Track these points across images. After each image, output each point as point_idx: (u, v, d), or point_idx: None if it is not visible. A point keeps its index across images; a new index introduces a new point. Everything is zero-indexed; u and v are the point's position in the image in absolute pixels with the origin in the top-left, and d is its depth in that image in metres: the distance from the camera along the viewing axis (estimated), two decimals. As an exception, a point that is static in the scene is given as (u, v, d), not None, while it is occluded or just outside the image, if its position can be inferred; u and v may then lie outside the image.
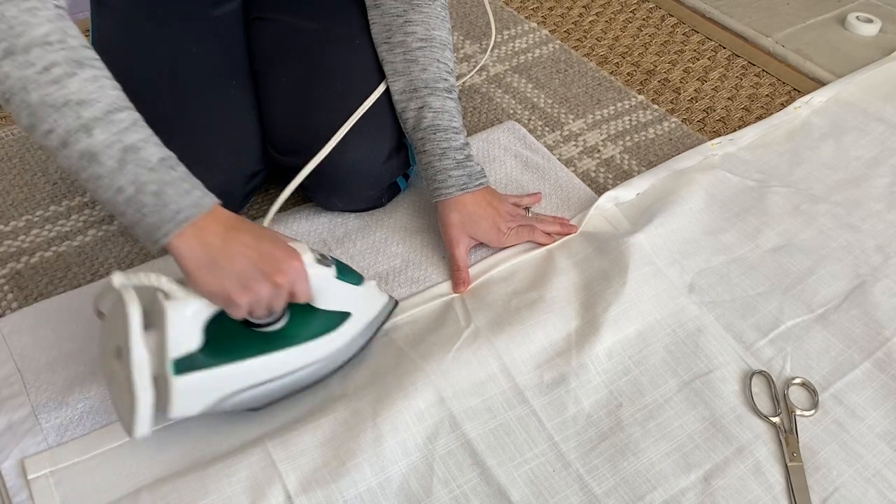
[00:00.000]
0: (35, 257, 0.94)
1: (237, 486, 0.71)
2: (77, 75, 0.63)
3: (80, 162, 0.63)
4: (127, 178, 0.64)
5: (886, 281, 0.92)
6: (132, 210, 0.64)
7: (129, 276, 0.65)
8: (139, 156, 0.64)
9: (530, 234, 0.94)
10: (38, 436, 0.75)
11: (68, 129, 0.62)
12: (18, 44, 0.61)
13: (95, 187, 0.64)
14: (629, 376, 0.82)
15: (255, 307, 0.68)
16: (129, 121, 0.65)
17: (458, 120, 0.91)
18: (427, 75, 0.90)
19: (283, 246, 0.69)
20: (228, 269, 0.65)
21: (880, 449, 0.76)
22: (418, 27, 0.90)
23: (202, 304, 0.67)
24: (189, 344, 0.67)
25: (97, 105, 0.63)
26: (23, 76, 0.62)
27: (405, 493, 0.72)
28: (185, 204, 0.65)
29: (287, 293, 0.69)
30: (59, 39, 0.63)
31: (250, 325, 0.72)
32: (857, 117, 1.17)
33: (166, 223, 0.64)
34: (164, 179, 0.65)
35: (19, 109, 0.63)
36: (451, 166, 0.89)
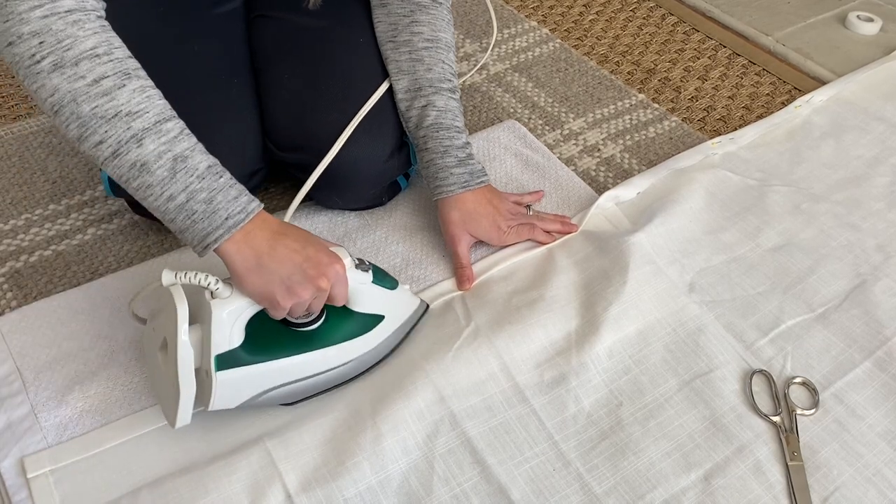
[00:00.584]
0: (34, 256, 0.94)
1: (237, 485, 0.71)
2: (126, 87, 0.65)
3: (130, 171, 0.66)
4: (178, 187, 0.66)
5: (887, 280, 0.92)
6: (182, 217, 0.67)
7: (177, 275, 0.68)
8: (188, 164, 0.67)
9: (530, 232, 0.94)
10: (38, 434, 0.75)
11: (119, 139, 0.65)
12: (67, 57, 0.63)
13: (146, 195, 0.67)
14: (629, 375, 0.82)
15: (296, 308, 0.71)
16: (176, 130, 0.67)
17: (460, 120, 0.92)
18: (432, 75, 0.91)
19: (326, 250, 0.72)
20: (275, 272, 0.68)
21: (881, 448, 0.76)
22: (425, 28, 0.91)
23: (246, 303, 0.69)
24: (231, 341, 0.70)
25: (146, 115, 0.65)
26: (73, 89, 0.63)
27: (405, 491, 0.72)
28: (234, 210, 0.68)
29: (326, 296, 0.71)
30: (106, 51, 0.65)
31: (288, 325, 0.75)
32: (858, 116, 1.17)
33: (217, 229, 0.67)
34: (213, 187, 0.68)
35: (69, 121, 0.65)
36: (453, 164, 0.90)
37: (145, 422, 0.77)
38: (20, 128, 1.11)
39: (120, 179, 0.67)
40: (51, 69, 0.63)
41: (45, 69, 0.63)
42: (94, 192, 1.02)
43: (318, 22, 0.95)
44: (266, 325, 0.73)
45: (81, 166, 1.05)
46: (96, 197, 1.01)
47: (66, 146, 1.08)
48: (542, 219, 0.96)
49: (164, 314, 0.70)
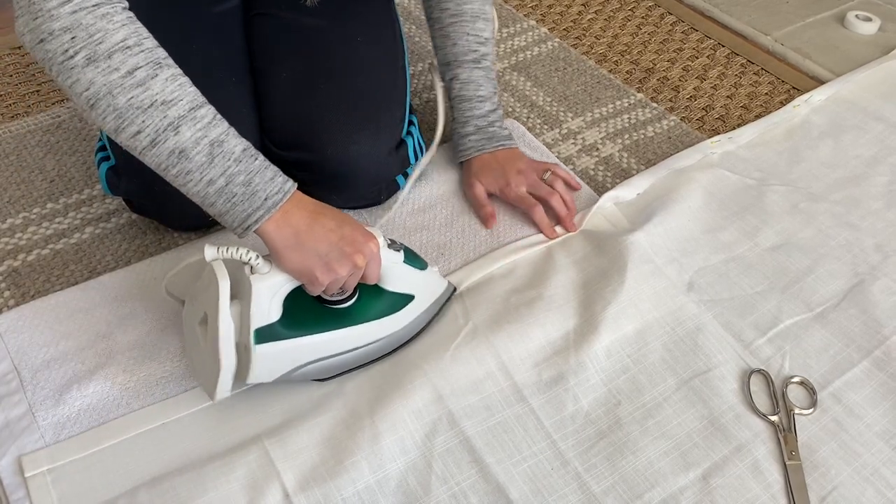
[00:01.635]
0: (32, 255, 0.94)
1: (235, 484, 0.71)
2: (158, 76, 0.66)
3: (169, 159, 0.67)
4: (216, 171, 0.68)
5: (885, 280, 0.92)
6: (223, 200, 0.69)
7: (219, 249, 0.69)
8: (224, 148, 0.68)
9: (532, 208, 0.96)
10: (35, 433, 0.75)
11: (157, 128, 0.66)
12: (100, 50, 0.64)
13: (185, 181, 0.68)
14: (628, 375, 0.82)
15: (332, 285, 0.73)
16: (210, 116, 0.68)
17: (485, 88, 0.99)
18: (457, 49, 0.98)
19: (362, 229, 0.74)
20: (313, 249, 0.71)
21: (879, 448, 0.76)
22: (450, 3, 0.97)
23: (284, 279, 0.71)
24: (269, 316, 0.72)
25: (180, 103, 0.67)
26: (108, 81, 0.64)
27: (403, 490, 0.72)
28: (272, 190, 0.70)
29: (360, 274, 0.74)
30: (137, 42, 0.66)
31: (323, 302, 0.77)
32: (857, 116, 1.17)
33: (257, 210, 0.69)
34: (251, 169, 0.69)
35: (105, 114, 0.66)
36: (472, 132, 0.99)
37: (143, 421, 0.77)
38: (18, 126, 1.11)
39: (159, 168, 0.68)
40: (84, 63, 0.64)
41: (79, 64, 0.64)
42: (92, 190, 1.02)
43: (317, 20, 0.95)
44: (302, 302, 0.75)
45: (79, 165, 1.05)
46: (94, 196, 1.01)
47: (65, 145, 1.08)
48: (553, 194, 0.96)
49: (205, 289, 0.72)
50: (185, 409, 0.78)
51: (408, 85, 1.01)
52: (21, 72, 1.22)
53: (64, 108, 1.14)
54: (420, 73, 1.25)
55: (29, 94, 1.17)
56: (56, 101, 1.16)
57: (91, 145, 1.08)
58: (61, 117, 1.12)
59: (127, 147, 0.68)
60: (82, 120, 1.12)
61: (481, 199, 0.98)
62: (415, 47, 1.30)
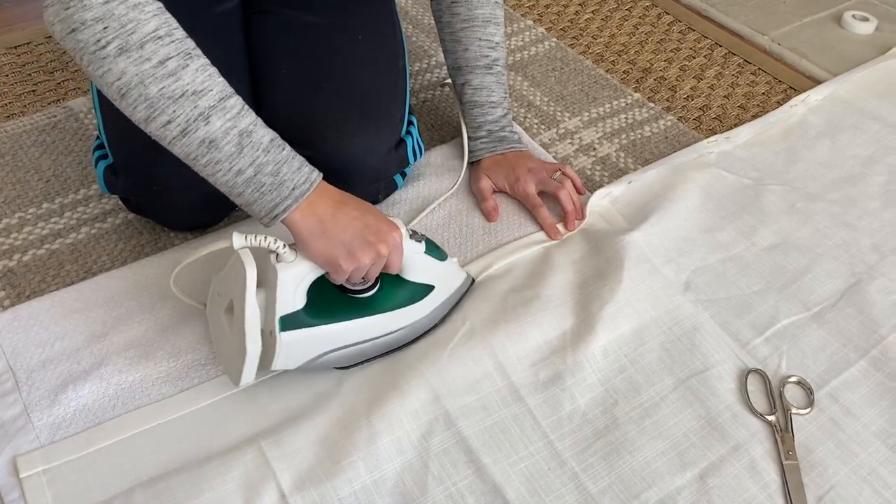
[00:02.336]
0: (28, 255, 0.93)
1: (231, 484, 0.71)
2: (189, 66, 0.66)
3: (199, 149, 0.68)
4: (245, 161, 0.69)
5: (882, 279, 0.92)
6: (251, 190, 0.70)
7: (247, 237, 0.70)
8: (253, 139, 0.69)
9: (537, 208, 0.97)
10: (31, 434, 0.75)
11: (187, 118, 0.67)
12: (132, 40, 0.64)
13: (214, 171, 0.69)
14: (625, 374, 0.82)
15: (355, 273, 0.74)
16: (238, 106, 0.69)
17: (496, 94, 1.01)
18: (469, 54, 0.99)
19: (385, 219, 0.76)
20: (338, 238, 0.72)
21: (875, 447, 0.76)
22: (462, 8, 0.98)
23: (309, 267, 0.73)
24: (294, 303, 0.73)
25: (210, 94, 0.67)
26: (140, 71, 0.65)
27: (400, 491, 0.72)
28: (299, 180, 0.71)
29: (383, 263, 0.75)
30: (168, 33, 0.66)
31: (345, 292, 0.78)
32: (854, 116, 1.17)
33: (285, 199, 0.70)
34: (278, 159, 0.70)
35: (136, 103, 0.66)
36: (483, 135, 1.01)
37: (139, 421, 0.76)
38: (14, 126, 1.10)
39: (188, 157, 0.69)
40: (116, 53, 0.64)
41: (111, 54, 0.64)
42: (88, 190, 1.02)
43: (318, 19, 0.95)
44: (325, 291, 0.76)
45: (75, 165, 1.05)
46: (90, 195, 1.01)
47: (61, 145, 1.08)
48: (562, 189, 0.97)
49: (231, 278, 0.73)
50: (181, 409, 0.78)
51: (407, 84, 1.01)
52: (17, 71, 1.21)
53: (60, 107, 1.14)
54: (418, 72, 1.25)
55: (25, 94, 1.17)
56: (52, 100, 1.16)
57: (87, 145, 1.08)
58: (57, 117, 1.12)
59: (156, 137, 0.69)
60: (78, 120, 1.12)
61: (486, 192, 1.00)
62: (412, 47, 1.30)
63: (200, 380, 0.80)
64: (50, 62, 1.23)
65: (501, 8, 1.00)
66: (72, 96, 1.17)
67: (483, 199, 1.00)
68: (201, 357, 0.82)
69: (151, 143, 0.88)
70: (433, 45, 1.30)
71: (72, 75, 1.21)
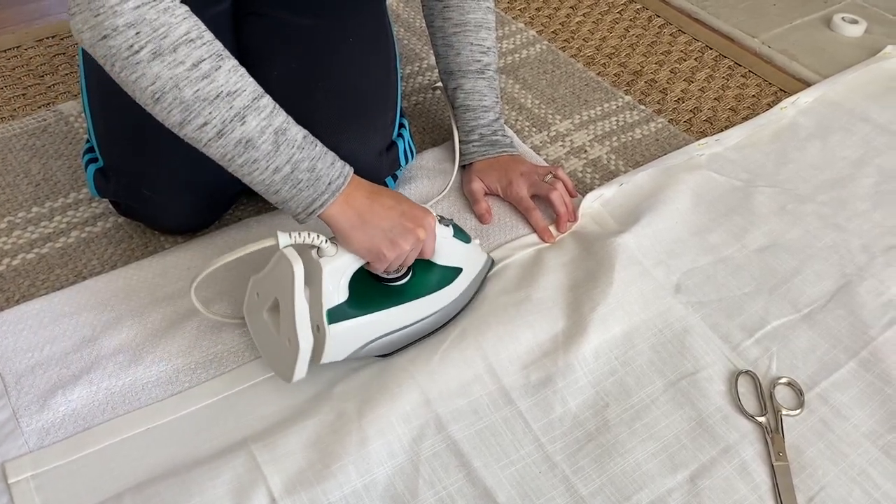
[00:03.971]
0: (17, 259, 0.93)
1: (221, 489, 0.70)
2: (222, 67, 0.67)
3: (236, 149, 0.68)
4: (282, 159, 0.70)
5: (872, 280, 0.92)
6: (288, 187, 0.71)
7: (291, 235, 0.72)
8: (287, 136, 0.70)
9: (530, 211, 0.97)
10: (19, 439, 0.75)
11: (223, 119, 0.67)
12: (165, 44, 0.64)
13: (251, 170, 0.70)
14: (616, 376, 0.82)
15: (396, 261, 0.76)
16: (270, 104, 0.70)
17: (489, 98, 1.01)
18: (460, 59, 0.99)
19: (418, 206, 0.78)
20: (377, 227, 0.73)
21: (865, 448, 0.76)
22: (454, 12, 0.98)
23: (350, 259, 0.74)
24: (338, 296, 0.75)
25: (244, 94, 0.68)
26: (174, 74, 0.65)
27: (391, 494, 0.72)
28: (334, 175, 0.72)
29: (420, 248, 0.77)
30: (199, 35, 0.66)
31: (381, 281, 0.80)
32: (843, 117, 1.17)
33: (322, 195, 0.72)
34: (313, 155, 0.71)
35: (171, 107, 0.66)
36: (476, 139, 1.01)
37: (128, 426, 0.76)
38: (2, 130, 1.10)
39: (223, 158, 0.69)
40: (150, 58, 0.64)
41: (145, 58, 0.64)
42: (78, 194, 1.01)
43: (309, 20, 0.95)
44: (361, 283, 0.77)
45: (65, 169, 1.05)
46: (80, 199, 1.01)
47: (51, 148, 1.08)
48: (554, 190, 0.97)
49: (274, 276, 0.74)
50: (170, 413, 0.77)
51: (399, 87, 1.01)
52: (7, 75, 1.21)
53: (50, 111, 1.13)
54: (409, 75, 1.25)
55: (14, 98, 1.17)
56: (42, 104, 1.15)
57: (77, 149, 1.07)
58: (47, 121, 1.11)
59: (191, 139, 0.69)
60: (68, 124, 1.11)
61: (478, 194, 1.00)
62: (404, 50, 1.30)
63: (190, 384, 0.80)
64: (40, 66, 1.23)
65: (493, 13, 1.01)
66: (62, 100, 1.16)
67: (475, 201, 1.00)
68: (191, 361, 0.82)
69: (142, 147, 0.88)
70: (425, 48, 1.30)
71: (62, 79, 1.20)
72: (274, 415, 0.77)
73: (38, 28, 1.30)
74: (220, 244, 0.94)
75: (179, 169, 0.87)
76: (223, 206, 0.96)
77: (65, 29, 1.30)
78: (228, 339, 0.84)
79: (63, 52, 1.25)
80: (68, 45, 1.27)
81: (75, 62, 1.23)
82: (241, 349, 0.83)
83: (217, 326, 0.85)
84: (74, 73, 1.21)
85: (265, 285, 0.77)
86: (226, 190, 0.94)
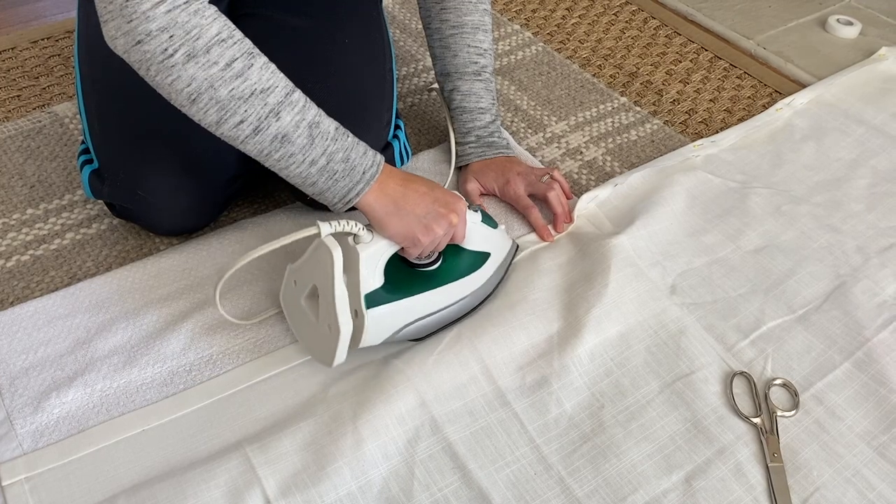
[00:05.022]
0: (11, 261, 0.93)
1: (216, 491, 0.70)
2: (254, 65, 0.68)
3: (272, 145, 0.70)
4: (317, 151, 0.71)
5: (866, 281, 0.92)
6: (324, 178, 0.73)
7: (331, 224, 0.74)
8: (321, 129, 0.72)
9: (528, 209, 0.97)
10: (13, 442, 0.74)
11: (259, 116, 0.68)
12: (198, 46, 0.66)
13: (288, 164, 0.72)
14: (611, 378, 0.82)
15: (430, 245, 0.78)
16: (302, 98, 0.71)
17: (485, 100, 1.01)
18: (458, 60, 0.99)
19: (449, 192, 0.80)
20: (412, 213, 0.75)
21: (860, 449, 0.77)
22: (451, 14, 0.98)
23: (386, 245, 0.76)
24: (375, 281, 0.77)
25: (277, 90, 0.69)
26: (209, 75, 0.66)
27: (385, 496, 0.72)
28: (368, 164, 0.74)
29: (452, 233, 0.79)
30: (229, 35, 0.67)
31: (413, 267, 0.82)
32: (838, 119, 1.18)
33: (357, 184, 0.74)
34: (346, 146, 0.73)
35: (207, 107, 0.68)
36: (472, 140, 1.01)
37: (123, 428, 0.76)
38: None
39: (260, 154, 0.71)
40: (185, 60, 0.65)
41: (179, 61, 0.65)
42: (73, 196, 1.01)
43: (305, 21, 0.95)
44: (395, 269, 0.79)
45: (60, 170, 1.04)
46: (75, 201, 1.00)
47: (45, 150, 1.07)
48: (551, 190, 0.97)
49: (312, 264, 0.76)
50: (165, 415, 0.77)
51: (394, 89, 1.01)
52: (1, 77, 1.21)
53: (45, 112, 1.13)
54: (405, 77, 1.25)
55: (9, 99, 1.16)
56: (37, 105, 1.15)
57: (72, 150, 1.07)
58: (42, 122, 1.11)
59: (227, 137, 0.70)
60: (63, 125, 1.11)
61: (473, 195, 1.00)
62: (399, 51, 1.30)
63: (185, 386, 0.80)
64: (35, 67, 1.23)
65: (490, 15, 1.01)
66: (57, 101, 1.16)
67: (471, 201, 1.00)
68: (186, 363, 0.81)
69: (137, 148, 0.88)
70: (420, 49, 1.30)
71: (57, 80, 1.20)
72: (269, 416, 0.77)
73: (33, 29, 1.30)
74: (216, 246, 0.94)
75: (175, 171, 0.87)
76: (218, 208, 0.96)
77: (60, 30, 1.30)
78: (223, 341, 0.84)
79: (58, 54, 1.25)
80: (63, 47, 1.27)
81: (70, 64, 1.23)
82: (236, 351, 0.83)
83: (212, 328, 0.84)
84: (70, 74, 1.21)
85: (303, 273, 0.79)
86: (221, 192, 0.94)
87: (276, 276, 0.90)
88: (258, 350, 0.83)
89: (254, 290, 0.89)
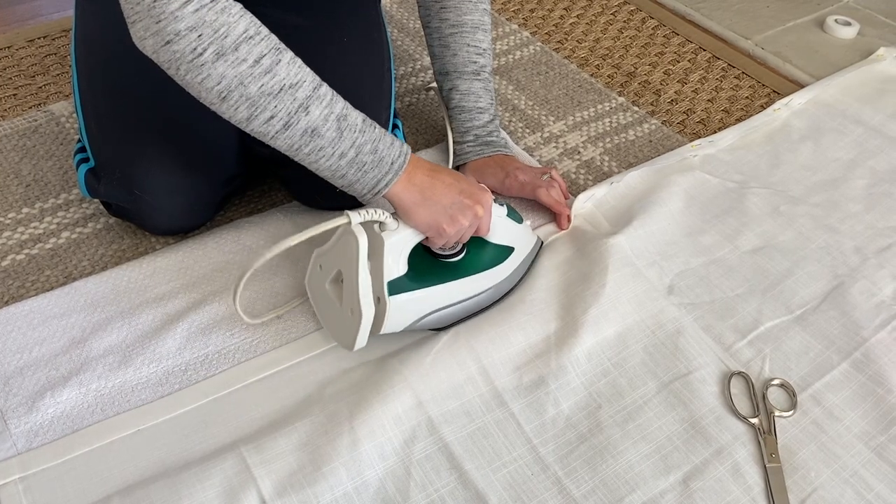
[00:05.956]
0: (7, 260, 0.92)
1: (211, 491, 0.70)
2: (282, 61, 0.68)
3: (302, 139, 0.71)
4: (346, 144, 0.72)
5: (864, 282, 0.92)
6: (354, 170, 0.73)
7: (360, 213, 0.74)
8: (349, 121, 0.72)
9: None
10: (7, 441, 0.74)
11: (288, 111, 0.69)
12: (226, 44, 0.66)
13: (318, 157, 0.72)
14: (608, 378, 0.81)
15: (454, 236, 0.78)
16: (329, 92, 0.72)
17: (484, 99, 1.01)
18: (457, 60, 0.99)
19: (476, 184, 0.81)
20: (438, 204, 0.76)
21: (858, 449, 0.76)
22: (451, 13, 0.98)
23: (411, 233, 0.77)
24: (398, 269, 0.78)
25: (305, 84, 0.70)
26: (238, 73, 0.67)
27: (382, 497, 0.71)
28: (395, 155, 0.75)
29: (477, 224, 0.79)
30: (256, 31, 0.68)
31: (437, 258, 0.83)
32: (836, 119, 1.18)
33: (386, 175, 0.74)
34: (374, 137, 0.74)
35: (237, 104, 0.68)
36: (471, 140, 1.01)
37: (118, 428, 0.76)
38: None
39: (290, 149, 0.71)
40: (214, 59, 0.65)
41: (209, 60, 0.65)
42: (69, 195, 1.01)
43: (303, 20, 0.95)
44: (419, 259, 0.80)
45: (56, 169, 1.04)
46: (71, 200, 1.00)
47: (41, 149, 1.07)
48: (552, 185, 0.98)
49: (338, 250, 0.77)
50: (160, 415, 0.77)
51: (392, 88, 1.00)
52: (-2, 75, 1.20)
53: (41, 111, 1.13)
54: (403, 76, 1.24)
55: (6, 98, 1.16)
56: (33, 104, 1.15)
57: (68, 149, 1.07)
58: (38, 121, 1.11)
59: (258, 133, 0.70)
60: (59, 124, 1.11)
61: None
62: (397, 51, 1.29)
63: (180, 385, 0.79)
64: (31, 66, 1.22)
65: (490, 14, 1.00)
66: (53, 100, 1.16)
67: None
68: (181, 363, 0.81)
69: (134, 147, 0.88)
70: (418, 49, 1.30)
71: (53, 79, 1.20)
72: (264, 417, 0.77)
73: (29, 28, 1.30)
74: (212, 245, 0.93)
75: (171, 170, 0.86)
76: (215, 208, 0.96)
77: (56, 29, 1.29)
78: (219, 340, 0.83)
79: (55, 53, 1.25)
80: (60, 46, 1.26)
81: (67, 63, 1.23)
82: (232, 351, 0.83)
83: (207, 328, 0.84)
84: (66, 73, 1.21)
85: (329, 258, 0.79)
86: (217, 191, 0.93)
87: (277, 274, 0.90)
88: (254, 350, 0.83)
89: (254, 289, 0.89)
